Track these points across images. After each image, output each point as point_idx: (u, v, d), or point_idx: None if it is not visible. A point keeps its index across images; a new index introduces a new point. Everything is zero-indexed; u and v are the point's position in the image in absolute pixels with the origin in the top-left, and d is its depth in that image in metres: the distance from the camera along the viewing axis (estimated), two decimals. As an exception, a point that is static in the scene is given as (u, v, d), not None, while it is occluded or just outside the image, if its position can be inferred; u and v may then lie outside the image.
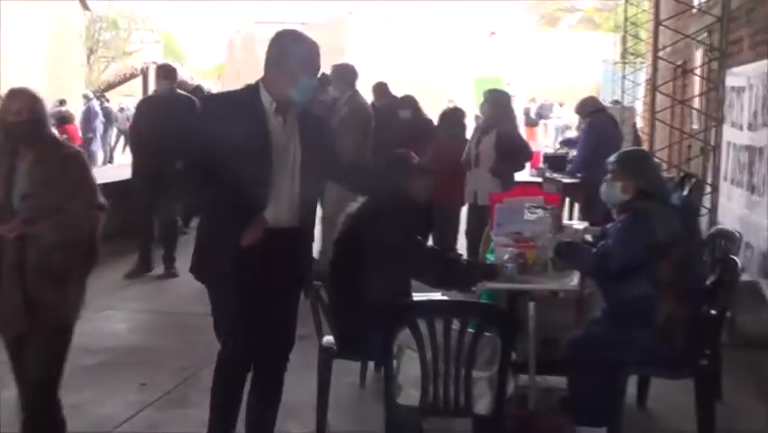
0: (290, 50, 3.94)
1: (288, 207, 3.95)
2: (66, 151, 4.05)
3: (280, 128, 3.94)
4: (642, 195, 4.48)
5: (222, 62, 52.10)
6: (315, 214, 4.28)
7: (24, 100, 3.89)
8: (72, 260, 3.91)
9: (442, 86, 30.29)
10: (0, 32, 20.26)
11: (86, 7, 28.94)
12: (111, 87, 31.46)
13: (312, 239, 4.37)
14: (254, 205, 3.82)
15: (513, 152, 8.27)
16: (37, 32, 23.80)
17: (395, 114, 9.34)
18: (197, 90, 12.93)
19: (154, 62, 26.73)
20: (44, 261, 3.83)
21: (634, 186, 4.50)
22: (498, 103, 8.57)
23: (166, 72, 9.04)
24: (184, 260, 6.86)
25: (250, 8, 57.00)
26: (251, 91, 4.02)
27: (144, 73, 26.38)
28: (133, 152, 9.38)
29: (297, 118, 4.01)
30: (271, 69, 3.97)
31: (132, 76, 28.53)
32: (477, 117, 12.90)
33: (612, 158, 4.71)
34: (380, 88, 10.52)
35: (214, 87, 25.20)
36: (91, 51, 32.16)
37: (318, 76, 4.18)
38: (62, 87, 23.20)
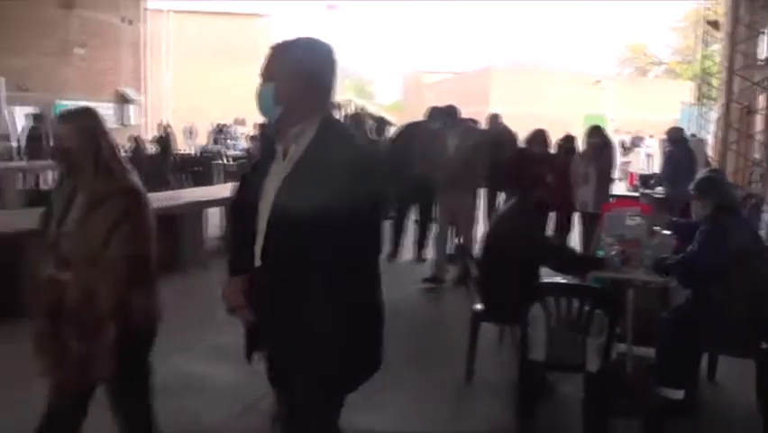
0: None
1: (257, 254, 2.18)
2: (111, 187, 2.51)
3: (280, 167, 2.18)
4: (719, 209, 4.21)
5: (398, 100, 52.54)
6: (302, 268, 2.03)
7: (70, 125, 2.55)
8: (106, 311, 2.43)
9: (559, 121, 29.70)
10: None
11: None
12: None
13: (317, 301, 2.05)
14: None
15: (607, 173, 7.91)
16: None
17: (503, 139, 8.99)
18: (381, 120, 12.84)
19: (349, 99, 27.27)
20: (75, 312, 2.45)
21: (710, 203, 4.26)
22: (598, 136, 7.97)
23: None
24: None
25: (418, 59, 57.55)
26: None
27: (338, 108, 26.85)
28: None
29: (307, 149, 2.13)
30: None
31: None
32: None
33: (692, 184, 4.48)
34: (493, 119, 10.27)
35: (396, 119, 25.26)
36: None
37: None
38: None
